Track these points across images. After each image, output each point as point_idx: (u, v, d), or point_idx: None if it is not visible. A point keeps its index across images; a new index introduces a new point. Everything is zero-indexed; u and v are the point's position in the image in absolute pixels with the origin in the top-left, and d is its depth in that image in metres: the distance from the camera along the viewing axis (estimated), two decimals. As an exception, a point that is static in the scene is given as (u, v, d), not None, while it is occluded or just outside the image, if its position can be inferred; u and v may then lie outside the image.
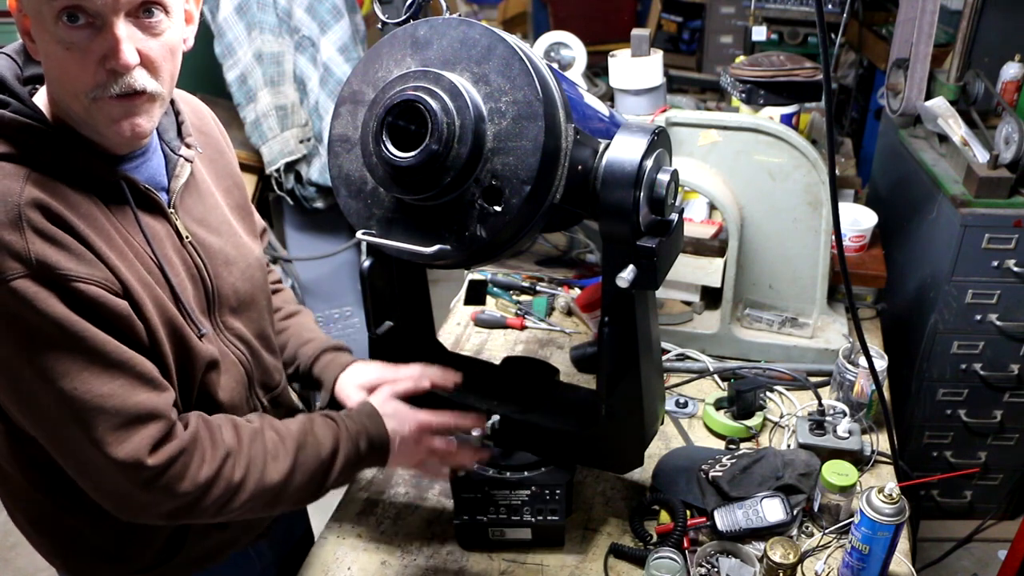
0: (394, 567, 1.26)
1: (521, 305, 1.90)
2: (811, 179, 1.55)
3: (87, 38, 0.87)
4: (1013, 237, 1.98)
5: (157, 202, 1.02)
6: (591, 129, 1.03)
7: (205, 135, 1.17)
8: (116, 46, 0.87)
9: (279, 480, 1.05)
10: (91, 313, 0.90)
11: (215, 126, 1.22)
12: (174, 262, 1.03)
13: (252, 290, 1.17)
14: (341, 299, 2.88)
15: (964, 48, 2.13)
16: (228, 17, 2.34)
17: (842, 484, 1.25)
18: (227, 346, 1.12)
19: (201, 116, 1.20)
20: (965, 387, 2.22)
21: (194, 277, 1.06)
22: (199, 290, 1.07)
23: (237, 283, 1.13)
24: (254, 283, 1.17)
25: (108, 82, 0.89)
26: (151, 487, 0.96)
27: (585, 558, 1.26)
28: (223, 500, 1.01)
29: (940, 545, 2.44)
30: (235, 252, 1.14)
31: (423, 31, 0.97)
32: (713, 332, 1.70)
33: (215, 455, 1.00)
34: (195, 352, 1.04)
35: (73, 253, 0.89)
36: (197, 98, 1.22)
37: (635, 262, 1.01)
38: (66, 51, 0.87)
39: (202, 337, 1.05)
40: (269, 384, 1.22)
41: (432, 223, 0.97)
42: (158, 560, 1.14)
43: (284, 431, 1.09)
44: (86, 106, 0.90)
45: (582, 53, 2.44)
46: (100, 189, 0.96)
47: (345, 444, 1.11)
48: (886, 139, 2.63)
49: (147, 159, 1.03)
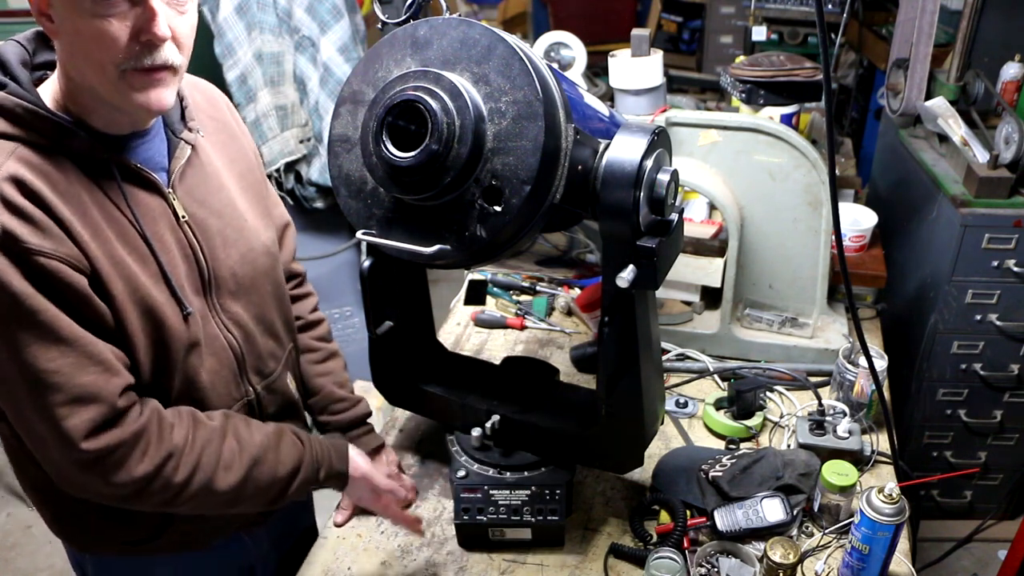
0: (394, 567, 1.26)
1: (521, 305, 1.90)
2: (811, 179, 1.55)
3: (123, 10, 0.90)
4: (1013, 237, 1.98)
5: (153, 181, 1.04)
6: (591, 129, 1.03)
7: (217, 121, 1.19)
8: (153, 18, 0.91)
9: (227, 489, 1.07)
10: (49, 288, 0.92)
11: (228, 113, 1.24)
12: (167, 240, 1.05)
13: (254, 274, 1.17)
14: (341, 299, 2.87)
15: (964, 48, 2.13)
16: (228, 17, 2.34)
17: (842, 484, 1.25)
18: (220, 328, 1.13)
19: (214, 103, 1.22)
20: (965, 387, 2.22)
21: (188, 257, 1.07)
22: (193, 270, 1.08)
23: (236, 266, 1.14)
24: (256, 267, 1.18)
25: (141, 54, 0.92)
26: (86, 470, 0.98)
27: (585, 558, 1.26)
28: (164, 497, 1.03)
29: (940, 545, 2.44)
30: (236, 235, 1.15)
31: (423, 31, 0.97)
32: (713, 332, 1.70)
33: (157, 453, 1.01)
34: (173, 332, 1.04)
35: (40, 228, 0.91)
36: (213, 85, 1.24)
37: (635, 262, 1.01)
38: (101, 24, 0.89)
39: (188, 317, 1.06)
40: (263, 371, 1.22)
41: (432, 223, 0.97)
42: (146, 537, 1.16)
43: (246, 441, 1.10)
44: (113, 79, 0.93)
45: (582, 53, 2.44)
46: (91, 168, 0.98)
47: (306, 468, 1.17)
48: (886, 139, 2.63)
49: (148, 140, 1.06)
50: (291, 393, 1.29)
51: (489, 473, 1.27)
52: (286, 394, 1.28)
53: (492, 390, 1.33)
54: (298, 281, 1.42)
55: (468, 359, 1.47)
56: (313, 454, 1.18)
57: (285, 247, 1.36)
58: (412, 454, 1.49)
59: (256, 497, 1.12)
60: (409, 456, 1.48)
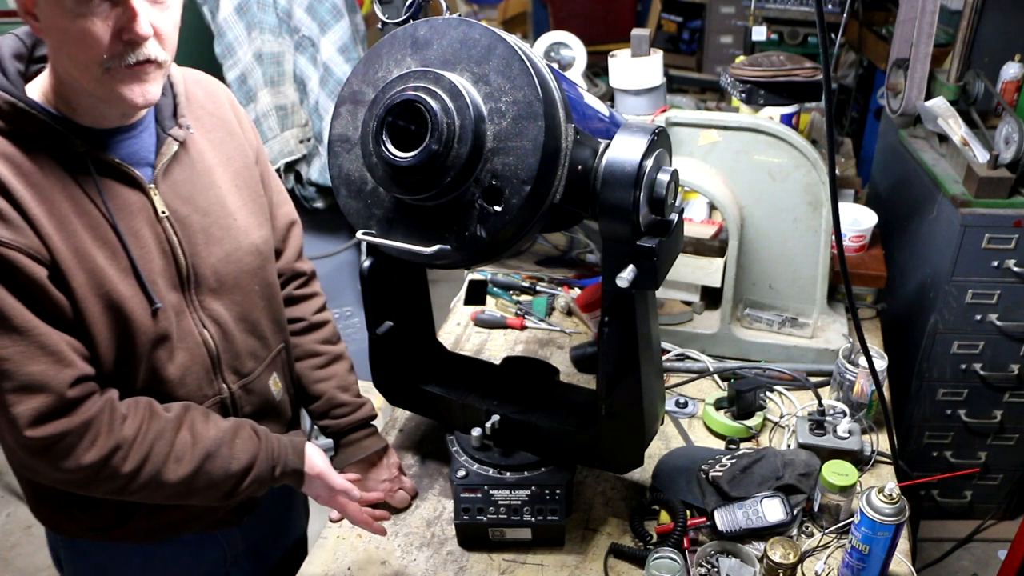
0: (394, 567, 1.26)
1: (521, 305, 1.90)
2: (811, 179, 1.55)
3: (104, 10, 0.91)
4: (1013, 237, 1.98)
5: (132, 176, 1.05)
6: (591, 129, 1.03)
7: (215, 116, 1.19)
8: (134, 17, 0.92)
9: (177, 481, 1.08)
10: (6, 277, 0.94)
11: (229, 108, 1.23)
12: (143, 235, 1.06)
13: (237, 274, 1.17)
14: (341, 299, 2.87)
15: (964, 48, 2.13)
16: (228, 17, 2.34)
17: (842, 484, 1.25)
18: (196, 325, 1.13)
19: (215, 99, 1.21)
20: (965, 387, 2.22)
21: (166, 252, 1.08)
22: (170, 265, 1.09)
23: (219, 264, 1.14)
24: (242, 267, 1.18)
25: (124, 52, 0.94)
26: (34, 455, 1.00)
27: (585, 558, 1.26)
28: (113, 486, 1.05)
29: (940, 545, 2.44)
30: (222, 233, 1.15)
31: (423, 31, 0.97)
32: (713, 332, 1.70)
33: (106, 444, 1.02)
34: (137, 326, 1.05)
35: (2, 218, 0.93)
36: (218, 80, 1.25)
37: (635, 262, 1.01)
38: (82, 24, 0.91)
39: (156, 311, 1.06)
40: (240, 370, 1.21)
41: (432, 223, 0.97)
42: (111, 523, 1.17)
43: (200, 434, 1.10)
44: (98, 76, 0.94)
45: (582, 53, 2.44)
46: (69, 162, 1.00)
47: (261, 465, 1.16)
48: (886, 139, 2.63)
49: (136, 135, 1.06)
50: (271, 395, 1.28)
51: (489, 473, 1.27)
52: (265, 395, 1.27)
53: (492, 390, 1.33)
54: (303, 280, 1.40)
55: (468, 359, 1.47)
56: (269, 451, 1.17)
57: (290, 245, 1.36)
58: (412, 454, 1.49)
59: (209, 490, 1.12)
60: (409, 456, 1.48)
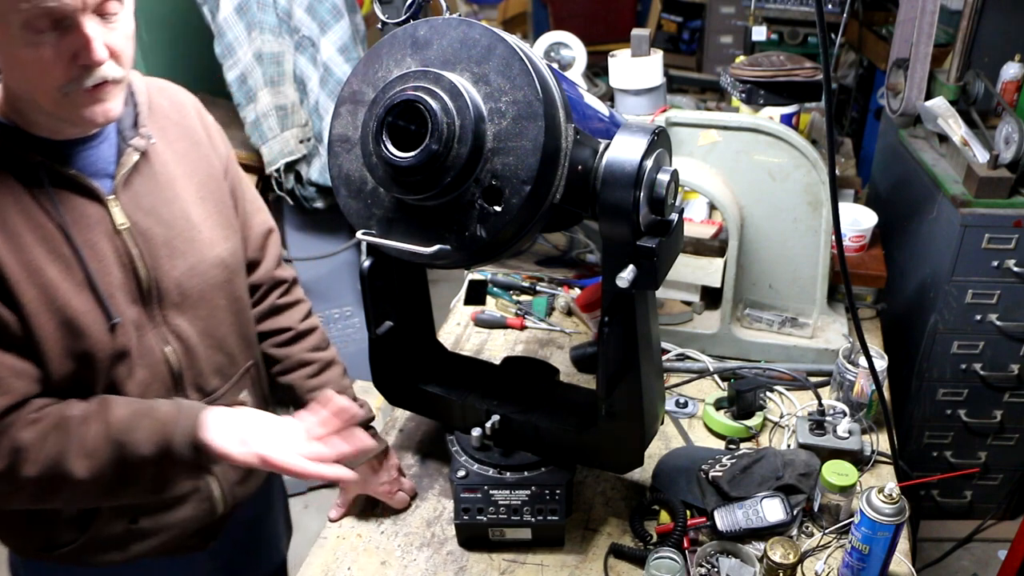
0: (394, 567, 1.26)
1: (521, 305, 1.90)
2: (811, 179, 1.55)
3: (56, 39, 0.91)
4: (1013, 237, 1.98)
5: (90, 188, 1.03)
6: (591, 129, 1.03)
7: (180, 126, 1.17)
8: (88, 45, 0.92)
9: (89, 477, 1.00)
10: None
11: (196, 118, 1.21)
12: (101, 248, 1.04)
13: (202, 288, 1.15)
14: (341, 299, 2.87)
15: (964, 48, 2.13)
16: (228, 17, 2.34)
17: (842, 484, 1.25)
18: (157, 341, 1.11)
19: (180, 108, 1.19)
20: (965, 387, 2.22)
21: (125, 266, 1.06)
22: (130, 279, 1.07)
23: (183, 278, 1.12)
24: (207, 280, 1.15)
25: (81, 76, 0.94)
26: None
27: (585, 558, 1.26)
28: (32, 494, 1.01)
29: (940, 545, 2.44)
30: (186, 246, 1.12)
31: (423, 31, 0.97)
32: (713, 332, 1.70)
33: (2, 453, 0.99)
34: (94, 342, 1.03)
35: None
36: (185, 90, 1.23)
37: (635, 262, 1.01)
38: (35, 53, 0.90)
39: (115, 327, 1.04)
40: (204, 387, 1.18)
41: (432, 223, 0.97)
42: (63, 543, 1.14)
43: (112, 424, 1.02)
44: (57, 100, 0.95)
45: (582, 53, 2.44)
46: (23, 174, 0.99)
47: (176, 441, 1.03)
48: (886, 139, 2.63)
49: (95, 146, 1.05)
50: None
51: (489, 473, 1.27)
52: None
53: (492, 390, 1.33)
54: (285, 288, 1.37)
55: (468, 359, 1.47)
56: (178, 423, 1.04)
57: (269, 254, 1.33)
58: (412, 454, 1.49)
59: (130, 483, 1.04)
60: (409, 456, 1.48)
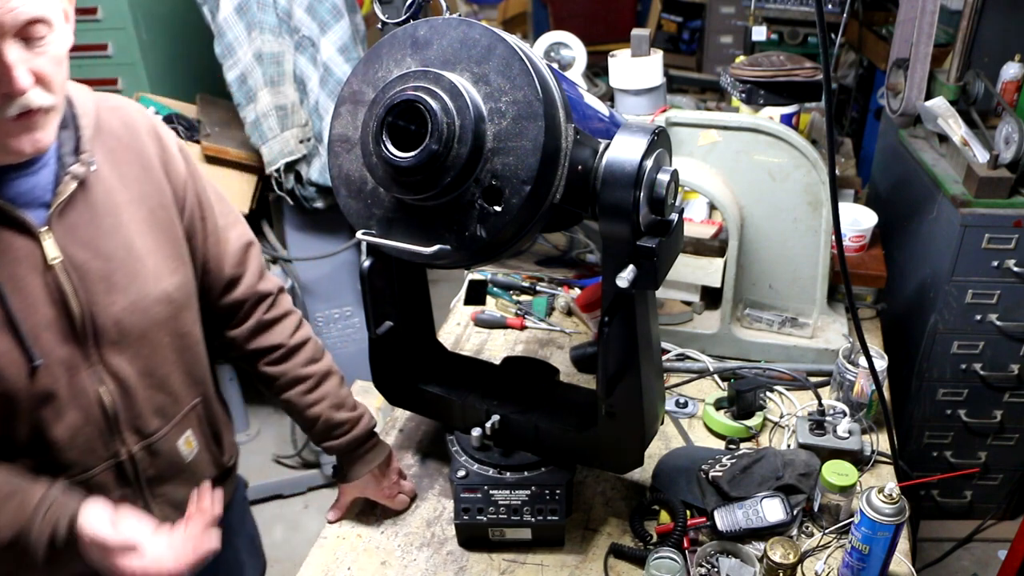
0: (394, 567, 1.26)
1: (521, 305, 1.90)
2: (811, 179, 1.55)
3: None
4: (1013, 237, 1.98)
5: (19, 220, 0.96)
6: (591, 129, 1.03)
7: (131, 149, 1.09)
8: (9, 73, 0.87)
9: None
10: None
11: (151, 140, 1.11)
12: (28, 284, 0.97)
13: (144, 325, 1.08)
14: (341, 299, 2.87)
15: (964, 48, 2.13)
16: (228, 17, 2.34)
17: (842, 484, 1.25)
18: (92, 381, 1.05)
19: (134, 130, 1.10)
20: (965, 387, 2.22)
21: (56, 302, 1.00)
22: (61, 317, 1.00)
23: (122, 314, 1.05)
24: (149, 317, 1.08)
25: (3, 106, 0.89)
26: None
27: (585, 558, 1.26)
28: None
29: (940, 545, 2.44)
30: (126, 280, 1.05)
31: (423, 31, 0.97)
32: (713, 332, 1.70)
33: None
34: (10, 385, 0.97)
35: None
36: (143, 109, 1.14)
37: (635, 262, 1.01)
38: None
39: (36, 369, 0.98)
40: (143, 430, 1.12)
41: (432, 223, 0.97)
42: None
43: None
44: None
45: (582, 53, 2.44)
46: None
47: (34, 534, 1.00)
48: (886, 139, 2.63)
49: (31, 174, 0.98)
50: (179, 455, 1.18)
51: (489, 473, 1.27)
52: (172, 456, 1.17)
53: (492, 390, 1.33)
54: (271, 302, 1.29)
55: (468, 359, 1.47)
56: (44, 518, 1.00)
57: (250, 268, 1.26)
58: (412, 454, 1.49)
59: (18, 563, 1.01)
60: (409, 456, 1.48)
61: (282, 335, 1.29)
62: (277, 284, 1.32)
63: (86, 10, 2.55)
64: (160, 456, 1.15)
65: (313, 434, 1.32)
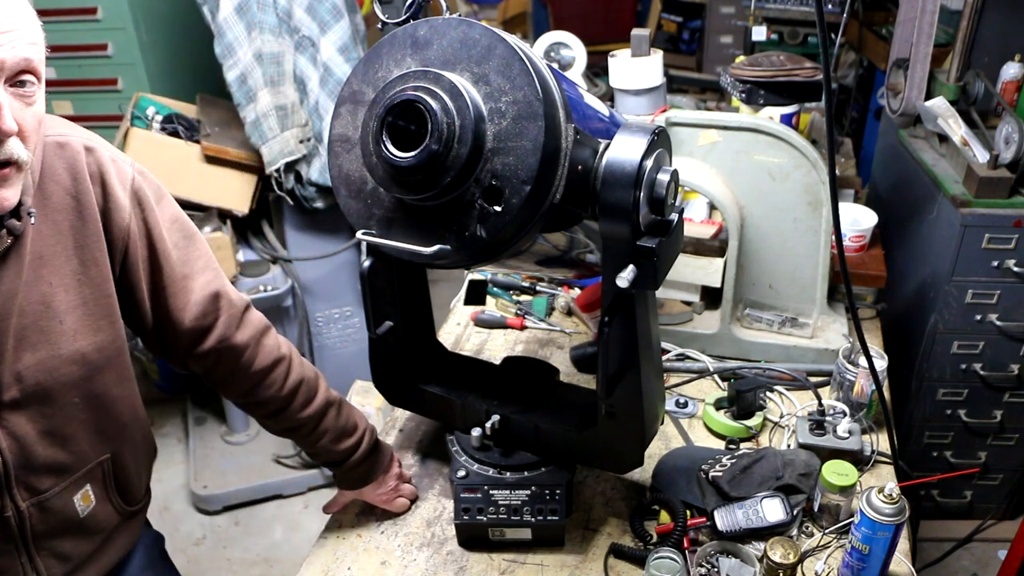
0: (394, 567, 1.26)
1: (521, 305, 1.90)
2: (811, 179, 1.55)
3: None
4: (1013, 237, 1.98)
5: None
6: (591, 129, 1.03)
7: (71, 196, 1.02)
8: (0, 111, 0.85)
9: None
10: None
11: (93, 187, 1.04)
12: None
13: (51, 384, 1.02)
14: (341, 299, 2.88)
15: (964, 48, 2.13)
16: (228, 17, 2.34)
17: (842, 484, 1.25)
18: None
19: (78, 176, 1.03)
20: (965, 387, 2.22)
21: None
22: None
23: (26, 372, 1.00)
24: (57, 377, 1.03)
25: None
26: None
27: (585, 558, 1.26)
28: None
29: (940, 545, 2.44)
30: (38, 337, 1.00)
31: (423, 31, 0.97)
32: (713, 332, 1.70)
33: None
34: None
35: None
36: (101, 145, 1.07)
37: (635, 262, 1.01)
38: None
39: None
40: (36, 487, 1.06)
41: (432, 223, 0.97)
42: None
43: None
44: None
45: (582, 53, 2.44)
46: None
47: None
48: (886, 139, 2.63)
49: None
50: (73, 511, 1.12)
51: (489, 473, 1.27)
52: (65, 512, 1.11)
53: (492, 390, 1.33)
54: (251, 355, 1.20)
55: (468, 359, 1.47)
56: None
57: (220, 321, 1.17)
58: (412, 454, 1.49)
59: None
60: (409, 456, 1.48)
61: (272, 390, 1.22)
62: (257, 330, 1.21)
63: (86, 10, 2.55)
64: (51, 512, 1.09)
65: (324, 465, 1.35)
